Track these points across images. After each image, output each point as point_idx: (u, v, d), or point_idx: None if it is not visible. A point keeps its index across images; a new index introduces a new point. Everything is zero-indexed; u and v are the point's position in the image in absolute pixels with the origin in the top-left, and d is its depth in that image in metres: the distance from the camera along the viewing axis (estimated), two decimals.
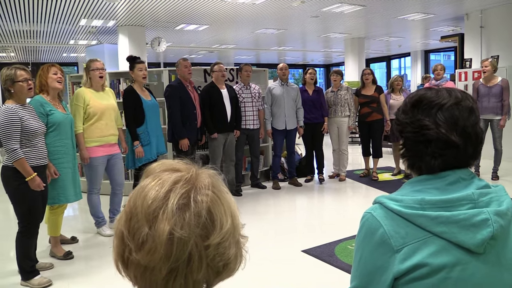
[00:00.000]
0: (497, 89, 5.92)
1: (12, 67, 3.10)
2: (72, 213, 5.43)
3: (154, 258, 0.65)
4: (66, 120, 3.63)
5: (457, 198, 0.93)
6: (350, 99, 6.47)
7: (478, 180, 1.00)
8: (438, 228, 0.92)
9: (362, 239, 1.00)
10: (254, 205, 5.41)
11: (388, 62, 18.10)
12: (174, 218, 0.66)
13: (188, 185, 0.69)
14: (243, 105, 5.89)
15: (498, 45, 8.12)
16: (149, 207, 0.67)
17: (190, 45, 13.33)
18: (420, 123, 1.00)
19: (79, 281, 3.31)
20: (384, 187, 6.01)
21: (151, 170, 0.74)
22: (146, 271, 0.67)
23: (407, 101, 1.07)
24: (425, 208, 0.93)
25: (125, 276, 0.71)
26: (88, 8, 7.82)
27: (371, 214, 1.00)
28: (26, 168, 3.01)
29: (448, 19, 9.93)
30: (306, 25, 10.33)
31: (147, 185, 0.70)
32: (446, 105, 0.99)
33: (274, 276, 3.35)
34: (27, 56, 14.51)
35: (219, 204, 0.70)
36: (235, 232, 0.72)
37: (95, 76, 4.08)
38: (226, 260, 0.70)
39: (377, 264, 0.96)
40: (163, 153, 4.92)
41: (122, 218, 0.70)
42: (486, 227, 0.91)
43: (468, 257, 0.91)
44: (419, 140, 1.01)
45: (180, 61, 5.24)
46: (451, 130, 0.98)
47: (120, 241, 0.70)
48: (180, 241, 0.65)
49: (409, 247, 0.93)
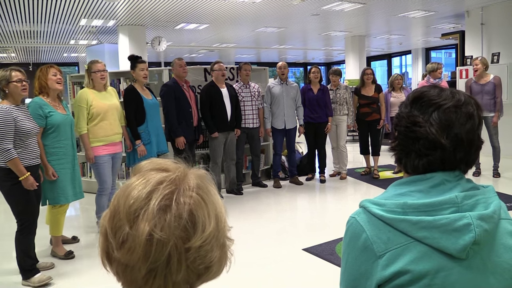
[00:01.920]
0: (489, 87, 5.96)
1: (8, 69, 3.17)
2: (73, 213, 5.44)
3: (133, 257, 0.66)
4: (66, 121, 3.65)
5: (439, 201, 0.91)
6: (349, 98, 6.47)
7: (465, 182, 0.98)
8: (419, 233, 0.89)
9: (347, 244, 0.99)
10: (255, 204, 5.41)
11: (389, 60, 18.06)
12: (154, 219, 0.66)
13: (172, 186, 0.69)
14: (243, 104, 5.89)
15: (499, 42, 8.10)
16: (131, 207, 0.67)
17: (191, 44, 13.33)
18: (414, 119, 0.99)
19: (80, 281, 3.32)
20: (385, 185, 6.00)
21: (139, 168, 0.74)
22: (127, 269, 0.68)
23: (410, 95, 1.05)
24: (407, 212, 0.91)
25: (109, 271, 0.72)
26: (88, 8, 7.82)
27: (355, 219, 0.99)
28: (20, 168, 3.05)
29: (449, 16, 9.91)
30: (306, 23, 10.32)
31: (131, 184, 0.70)
32: (444, 107, 0.97)
33: (275, 274, 3.35)
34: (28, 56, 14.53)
35: (203, 206, 0.69)
36: (219, 236, 0.71)
37: (97, 78, 4.10)
38: (207, 263, 0.69)
39: (361, 270, 0.95)
40: (165, 151, 4.93)
41: (106, 215, 0.71)
42: (468, 232, 0.88)
43: (451, 263, 0.89)
44: (409, 136, 0.99)
45: (175, 60, 5.26)
46: (442, 132, 0.95)
47: (104, 237, 0.70)
48: (159, 243, 0.65)
49: (391, 253, 0.91)
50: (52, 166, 3.53)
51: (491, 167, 6.23)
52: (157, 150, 4.74)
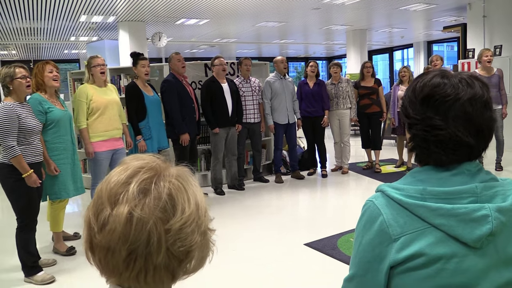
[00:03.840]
0: (495, 79, 5.95)
1: (11, 65, 3.16)
2: (75, 209, 5.45)
3: (113, 237, 0.67)
4: (65, 116, 3.65)
5: (459, 190, 0.91)
6: (351, 91, 6.45)
7: (485, 173, 0.97)
8: (437, 220, 0.90)
9: (362, 227, 0.99)
10: (256, 199, 5.41)
11: (390, 53, 17.97)
12: (134, 200, 0.68)
13: (152, 171, 0.72)
14: (244, 99, 5.87)
15: (501, 35, 8.04)
16: (112, 190, 0.70)
17: (191, 40, 13.30)
18: (431, 122, 0.95)
19: (82, 276, 3.33)
20: (387, 179, 5.99)
21: (122, 162, 0.77)
22: (108, 253, 0.69)
23: (416, 92, 0.98)
24: (426, 198, 0.92)
25: (93, 264, 0.73)
26: (88, 4, 7.80)
27: (372, 202, 0.98)
28: (23, 165, 3.05)
29: (451, 9, 9.84)
30: (307, 17, 10.27)
31: (113, 171, 0.74)
32: (460, 101, 0.93)
33: (277, 269, 3.35)
34: (29, 53, 14.53)
35: (182, 191, 0.72)
36: (199, 221, 0.72)
37: (97, 72, 4.10)
38: (187, 246, 0.70)
39: (374, 253, 0.95)
40: (165, 147, 4.93)
41: (90, 204, 0.73)
42: (485, 223, 0.89)
43: (465, 250, 0.90)
44: (429, 140, 0.96)
45: (173, 55, 5.21)
46: (465, 130, 0.93)
47: (87, 225, 0.72)
48: (139, 222, 0.67)
49: (406, 237, 0.91)
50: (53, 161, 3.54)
51: (494, 160, 6.21)
52: (158, 145, 4.77)
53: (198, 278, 0.83)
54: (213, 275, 3.19)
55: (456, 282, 0.89)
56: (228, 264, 3.43)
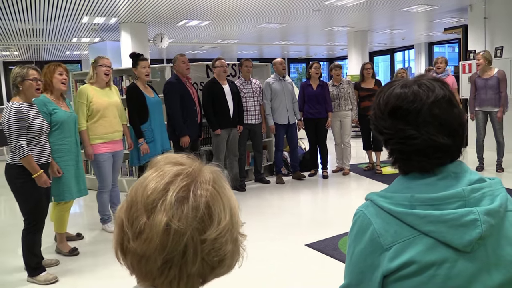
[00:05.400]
0: (493, 81, 5.92)
1: (25, 66, 3.15)
2: (78, 210, 5.47)
3: (150, 247, 0.67)
4: (70, 118, 3.66)
5: (446, 195, 0.91)
6: (352, 93, 6.47)
7: (471, 174, 0.97)
8: (426, 227, 0.90)
9: (354, 237, 1.00)
10: (258, 200, 5.42)
11: (391, 55, 17.98)
12: (172, 210, 0.67)
13: (189, 178, 0.70)
14: (245, 100, 5.88)
15: (502, 36, 8.05)
16: (149, 197, 0.68)
17: (193, 41, 13.32)
18: (404, 133, 0.96)
19: (85, 277, 3.35)
20: (388, 180, 6.00)
21: (155, 163, 0.76)
22: (142, 260, 0.69)
23: (381, 107, 1.00)
24: (414, 206, 0.92)
25: (123, 264, 0.73)
26: (90, 5, 7.83)
27: (362, 212, 0.99)
28: (33, 165, 3.06)
29: (452, 11, 9.85)
30: (308, 18, 10.29)
31: (149, 176, 0.72)
32: (425, 107, 0.94)
33: (278, 270, 3.36)
34: (31, 54, 14.57)
35: (219, 200, 0.71)
36: (233, 229, 0.72)
37: (101, 72, 4.11)
38: (222, 256, 0.70)
39: (367, 262, 0.96)
40: (168, 149, 4.93)
41: (123, 207, 0.72)
42: (475, 228, 0.89)
43: (456, 255, 0.90)
44: (406, 150, 0.98)
45: (178, 56, 5.20)
46: (438, 133, 0.95)
47: (119, 228, 0.71)
48: (176, 233, 0.66)
49: (398, 246, 0.92)
50: (57, 163, 3.54)
51: (495, 162, 6.22)
52: (161, 147, 4.72)
53: None
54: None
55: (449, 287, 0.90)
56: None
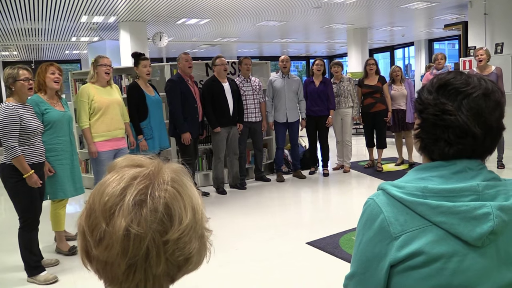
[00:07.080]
0: (492, 77, 5.89)
1: (16, 67, 3.18)
2: (77, 209, 5.46)
3: (112, 253, 0.66)
4: (63, 117, 3.65)
5: (460, 188, 0.91)
6: (353, 90, 6.44)
7: (487, 172, 0.97)
8: (438, 218, 0.90)
9: (363, 225, 1.00)
10: (258, 198, 5.41)
11: (391, 52, 17.96)
12: (130, 214, 0.66)
13: (147, 180, 0.69)
14: (245, 98, 5.87)
15: (502, 33, 8.03)
16: (106, 204, 0.67)
17: (192, 39, 13.30)
18: (444, 107, 0.96)
19: (85, 276, 3.31)
20: (389, 178, 5.99)
21: (114, 165, 0.74)
22: (107, 266, 0.68)
23: (434, 81, 1.02)
24: (426, 196, 0.91)
25: (90, 270, 0.72)
26: (88, 4, 7.82)
27: (373, 200, 0.99)
28: (24, 165, 3.08)
29: (452, 7, 9.82)
30: (308, 16, 10.27)
31: (106, 181, 0.70)
32: (474, 95, 0.95)
33: (279, 268, 3.35)
34: (30, 54, 14.56)
35: (178, 199, 0.69)
36: (197, 227, 0.71)
37: (102, 71, 4.13)
38: (187, 254, 0.70)
39: (375, 251, 0.95)
40: (166, 147, 4.97)
41: (83, 214, 0.71)
42: (486, 221, 0.88)
43: (466, 249, 0.89)
44: (438, 124, 0.97)
45: (181, 55, 5.26)
46: (473, 120, 0.94)
47: (82, 236, 0.70)
48: (137, 237, 0.65)
49: (407, 235, 0.91)
50: (50, 162, 3.56)
51: (495, 158, 6.20)
52: (159, 145, 4.80)
53: (200, 277, 0.84)
54: (215, 274, 3.20)
55: (457, 282, 0.89)
56: (230, 263, 3.43)
